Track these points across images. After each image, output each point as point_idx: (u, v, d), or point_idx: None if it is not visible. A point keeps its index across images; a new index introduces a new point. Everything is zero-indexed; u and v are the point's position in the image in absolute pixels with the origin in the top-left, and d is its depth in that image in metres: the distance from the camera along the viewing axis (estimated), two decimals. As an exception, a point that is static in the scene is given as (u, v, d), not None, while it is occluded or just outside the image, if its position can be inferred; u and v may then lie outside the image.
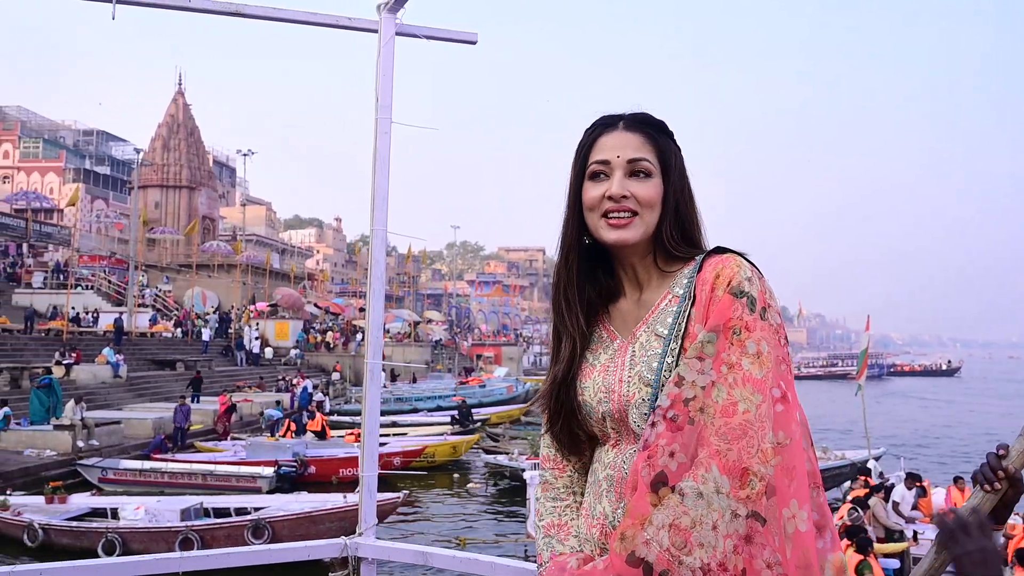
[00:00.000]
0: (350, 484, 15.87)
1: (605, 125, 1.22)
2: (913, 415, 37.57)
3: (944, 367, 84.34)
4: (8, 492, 12.17)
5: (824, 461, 15.59)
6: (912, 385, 62.58)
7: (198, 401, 21.76)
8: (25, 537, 11.06)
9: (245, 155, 53.44)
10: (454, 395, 27.90)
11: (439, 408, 26.53)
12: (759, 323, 1.07)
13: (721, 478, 0.99)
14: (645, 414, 1.12)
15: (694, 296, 1.14)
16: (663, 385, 1.11)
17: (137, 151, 36.27)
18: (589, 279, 1.25)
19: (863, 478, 12.47)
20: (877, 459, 14.98)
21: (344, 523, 10.90)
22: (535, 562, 1.29)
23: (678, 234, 1.19)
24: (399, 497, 11.66)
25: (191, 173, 44.50)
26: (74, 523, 11.39)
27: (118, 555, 10.57)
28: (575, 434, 1.25)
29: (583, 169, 1.21)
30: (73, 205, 28.97)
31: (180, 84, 46.07)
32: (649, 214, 1.17)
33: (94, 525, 11.40)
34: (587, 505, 1.22)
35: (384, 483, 15.41)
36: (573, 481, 1.28)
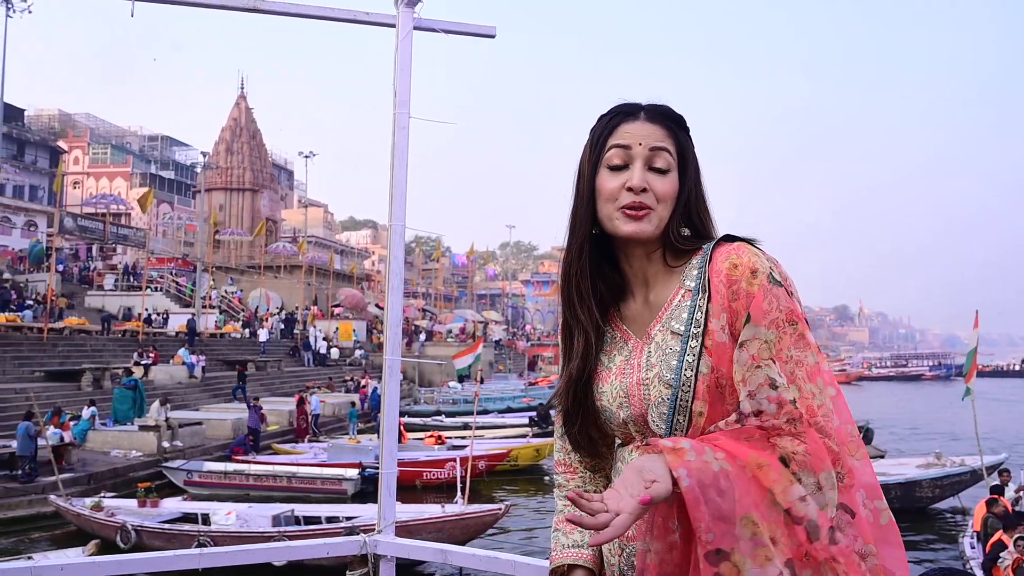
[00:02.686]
0: (435, 489, 15.44)
1: (625, 113, 1.17)
2: (1001, 420, 35.42)
3: (1018, 367, 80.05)
4: (102, 494, 12.05)
5: (939, 468, 14.48)
6: (987, 387, 59.17)
7: (238, 396, 22.36)
8: (118, 539, 10.89)
9: (307, 157, 53.86)
10: (524, 396, 27.35)
11: (509, 409, 25.98)
12: (801, 312, 1.05)
13: (830, 472, 0.97)
14: (664, 414, 1.10)
15: (709, 289, 1.10)
16: (684, 384, 1.08)
17: (203, 154, 36.75)
18: (599, 272, 1.21)
19: (999, 498, 11.26)
20: (999, 467, 13.75)
21: (442, 534, 10.38)
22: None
23: (688, 231, 1.17)
24: (500, 508, 11.10)
25: (254, 176, 45.03)
26: (167, 525, 11.17)
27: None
28: (591, 435, 1.23)
29: (599, 157, 1.17)
30: (144, 208, 29.44)
31: (242, 88, 46.72)
32: (664, 209, 1.14)
33: (186, 528, 11.17)
34: None
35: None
36: (585, 481, 1.29)
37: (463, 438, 19.97)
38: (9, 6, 36.37)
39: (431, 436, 18.48)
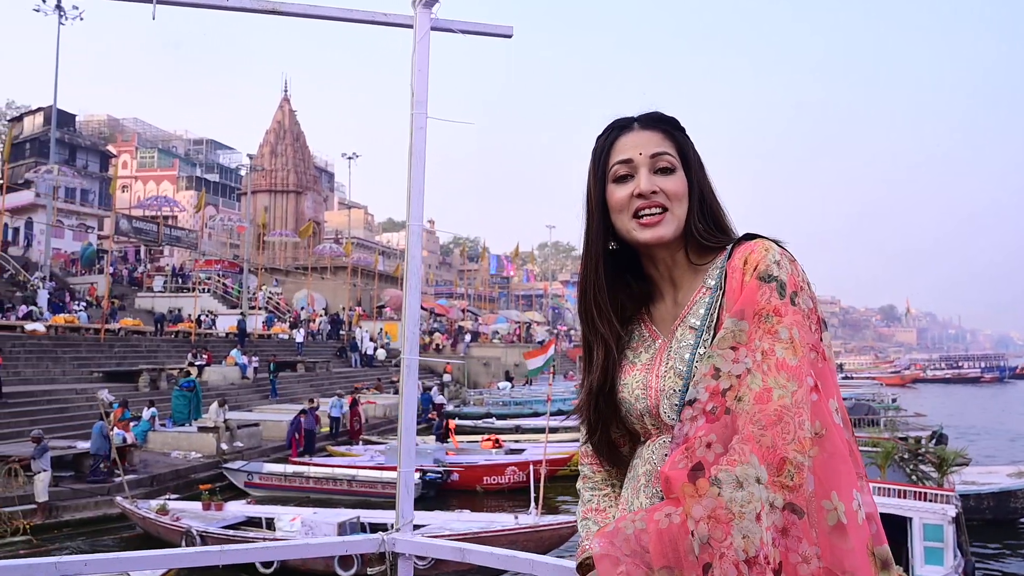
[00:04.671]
0: (496, 494, 15.04)
1: (620, 128, 1.22)
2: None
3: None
4: (167, 495, 11.89)
5: (1033, 480, 13.59)
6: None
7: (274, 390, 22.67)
8: (183, 543, 10.68)
9: (350, 159, 54.06)
10: (575, 397, 26.77)
11: (560, 412, 25.44)
12: (789, 308, 1.05)
13: (760, 467, 0.97)
14: (676, 405, 1.13)
15: (724, 285, 1.13)
16: (694, 375, 1.10)
17: (249, 156, 36.96)
18: (619, 285, 1.25)
19: None
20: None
21: (515, 546, 9.93)
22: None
23: (709, 224, 1.19)
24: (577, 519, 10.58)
25: (298, 177, 45.24)
26: (231, 531, 10.94)
27: (274, 570, 10.07)
28: (613, 444, 1.27)
29: (603, 174, 1.21)
30: (199, 209, 29.73)
31: (286, 91, 46.98)
32: (679, 207, 1.17)
33: (251, 535, 10.94)
34: (625, 499, 1.22)
35: (527, 494, 14.45)
36: (611, 475, 1.31)
37: (517, 441, 19.58)
38: (61, 13, 37.17)
39: (488, 439, 18.10)
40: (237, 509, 11.84)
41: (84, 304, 26.57)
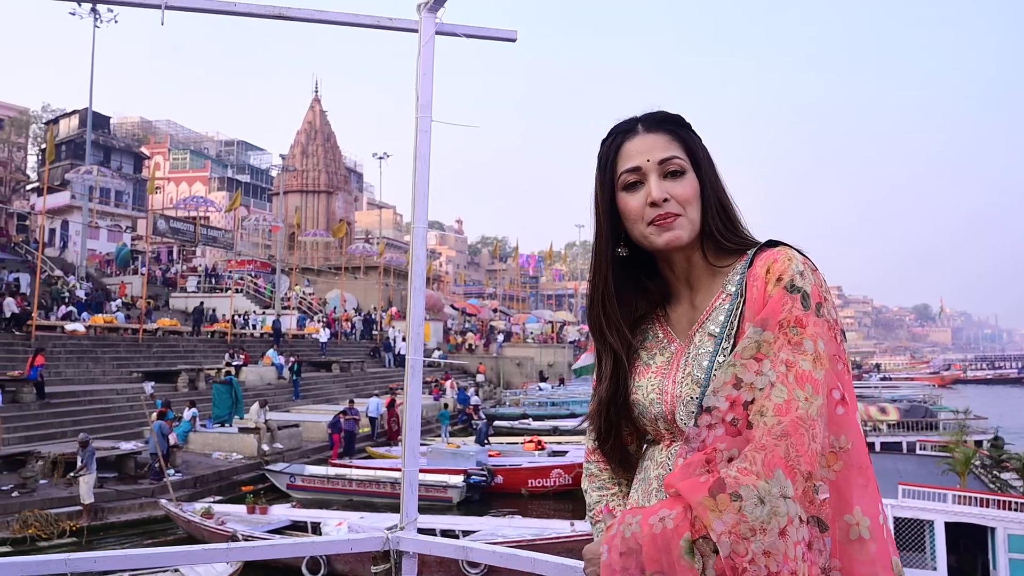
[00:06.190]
0: (541, 497, 14.67)
1: (624, 131, 1.20)
2: None
3: None
4: (212, 499, 11.71)
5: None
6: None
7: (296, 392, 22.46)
8: (228, 549, 10.47)
9: (380, 159, 54.07)
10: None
11: (597, 413, 25.05)
12: (814, 319, 1.04)
13: (786, 482, 0.95)
14: (692, 412, 1.12)
15: (745, 293, 1.12)
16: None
17: (281, 157, 36.99)
18: (632, 287, 1.24)
19: None
20: None
21: (572, 554, 9.56)
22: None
23: (725, 222, 1.18)
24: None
25: (328, 178, 45.26)
26: (277, 537, 10.71)
27: (322, 574, 9.83)
28: (625, 451, 1.26)
29: (611, 181, 1.19)
30: (232, 209, 29.79)
31: (316, 91, 47.03)
32: (692, 211, 1.16)
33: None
34: (634, 502, 1.21)
35: (573, 498, 14.10)
36: (618, 473, 1.30)
37: (559, 443, 19.20)
38: (96, 16, 37.56)
39: (530, 441, 17.73)
40: (282, 513, 11.64)
41: (120, 304, 26.69)
